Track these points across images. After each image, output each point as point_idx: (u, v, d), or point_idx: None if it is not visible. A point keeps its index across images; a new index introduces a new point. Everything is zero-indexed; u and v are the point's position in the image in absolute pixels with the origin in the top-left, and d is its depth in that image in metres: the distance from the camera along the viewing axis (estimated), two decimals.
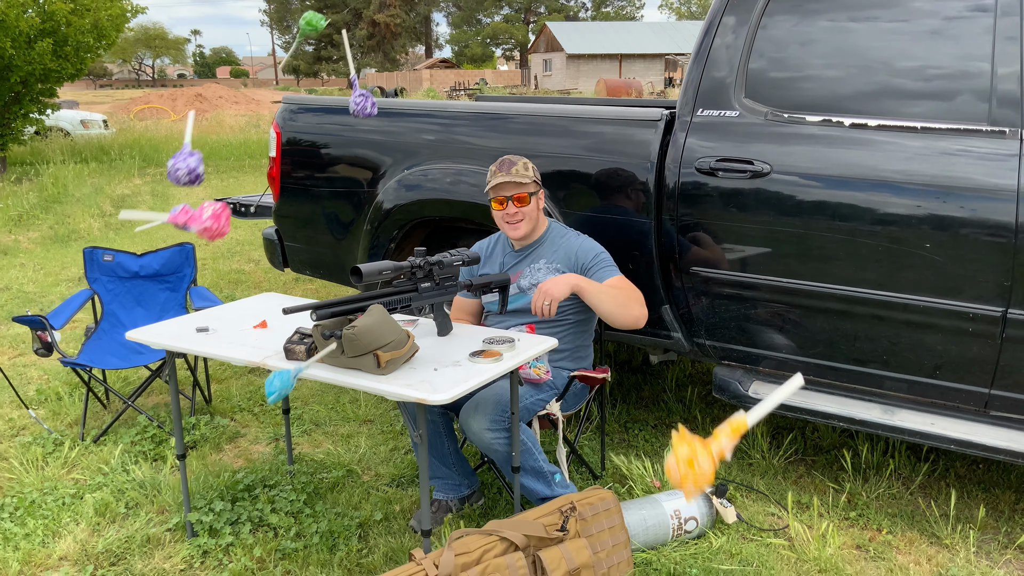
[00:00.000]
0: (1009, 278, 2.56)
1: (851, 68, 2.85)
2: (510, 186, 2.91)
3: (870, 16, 2.83)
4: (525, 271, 3.00)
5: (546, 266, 2.97)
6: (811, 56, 2.93)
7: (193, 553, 2.77)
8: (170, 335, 2.64)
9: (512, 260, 3.05)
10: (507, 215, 2.93)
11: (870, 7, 2.84)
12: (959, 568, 2.66)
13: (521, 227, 2.94)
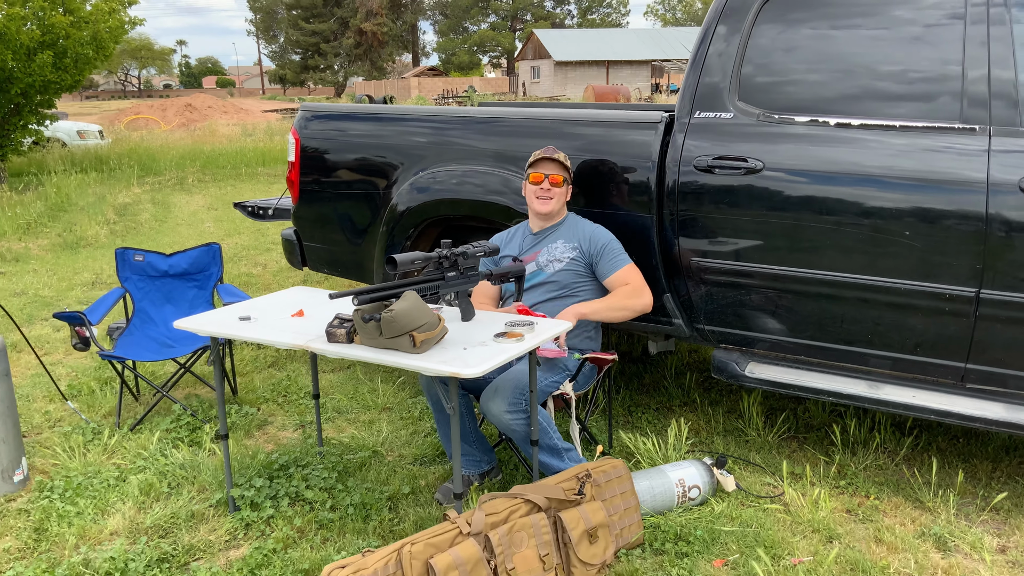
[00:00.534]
0: (981, 261, 2.83)
1: (835, 72, 3.12)
2: (551, 164, 3.26)
3: (851, 24, 3.10)
4: (543, 250, 3.31)
5: (563, 244, 3.29)
6: (798, 62, 3.19)
7: (236, 525, 3.00)
8: (216, 323, 2.87)
9: (531, 242, 3.36)
10: (541, 189, 3.26)
11: (851, 16, 3.10)
12: (940, 528, 2.92)
13: (551, 203, 3.26)
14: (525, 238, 3.39)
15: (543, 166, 3.25)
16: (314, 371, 3.47)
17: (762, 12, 3.27)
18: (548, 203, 3.27)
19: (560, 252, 3.27)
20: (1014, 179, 2.77)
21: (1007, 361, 2.90)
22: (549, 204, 3.27)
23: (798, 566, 2.68)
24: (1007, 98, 2.83)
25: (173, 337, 4.11)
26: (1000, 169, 2.80)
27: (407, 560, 2.35)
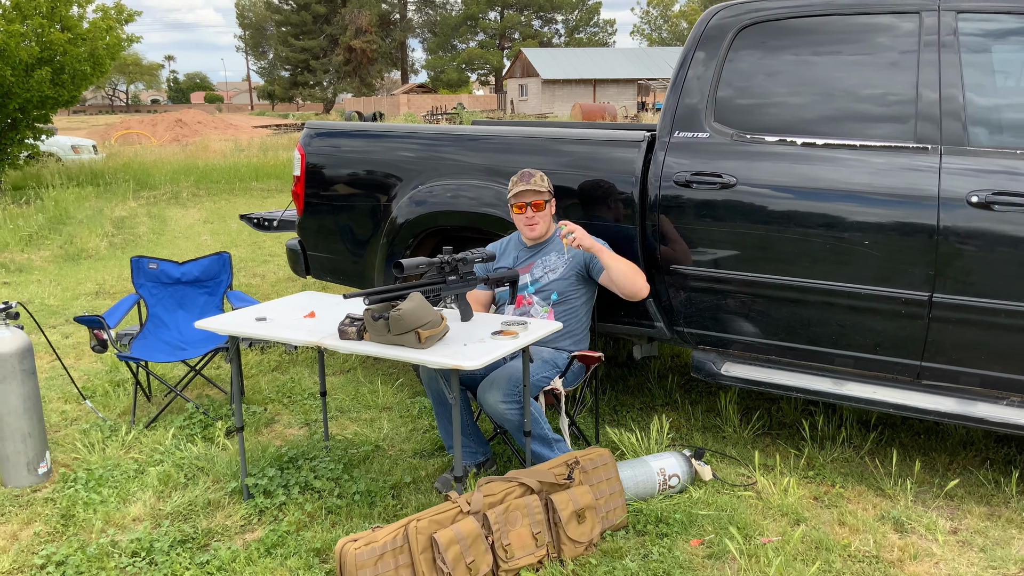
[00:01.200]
0: (933, 268, 3.12)
1: (802, 96, 3.42)
2: (529, 194, 3.54)
3: (816, 53, 3.40)
4: (537, 263, 3.61)
5: (556, 256, 3.59)
6: (768, 86, 3.49)
7: (251, 511, 3.24)
8: (236, 323, 3.12)
9: (525, 255, 3.65)
10: (526, 218, 3.56)
11: (816, 45, 3.40)
12: (899, 512, 3.19)
13: (537, 228, 3.58)
14: (520, 251, 3.68)
15: (523, 196, 3.54)
16: (321, 370, 3.72)
17: (736, 40, 3.57)
18: (535, 228, 3.58)
19: (554, 263, 3.58)
20: (962, 193, 3.07)
21: (958, 359, 3.18)
22: (536, 229, 3.59)
23: (767, 545, 2.94)
24: (956, 119, 3.14)
25: (185, 340, 4.35)
26: (950, 184, 3.10)
27: (413, 534, 2.60)
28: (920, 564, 2.88)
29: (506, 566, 2.72)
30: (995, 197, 3.01)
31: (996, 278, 3.03)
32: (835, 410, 4.16)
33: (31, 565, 2.93)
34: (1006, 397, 3.15)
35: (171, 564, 2.88)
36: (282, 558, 2.90)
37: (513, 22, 72.74)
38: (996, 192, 3.01)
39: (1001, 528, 3.11)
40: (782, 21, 3.50)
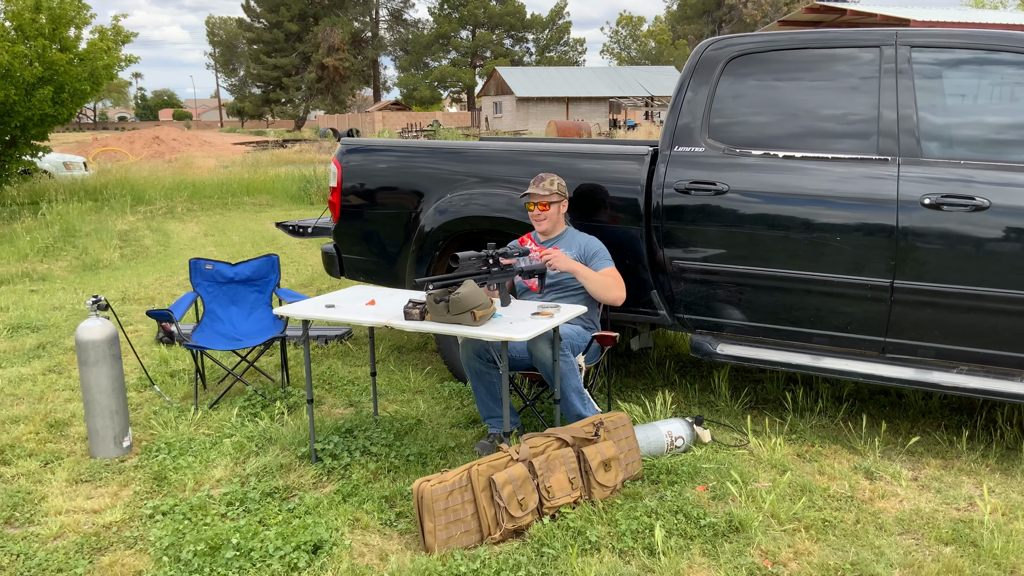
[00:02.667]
0: (894, 259, 3.76)
1: (782, 116, 4.06)
2: (537, 196, 4.11)
3: (792, 80, 4.04)
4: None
5: (565, 250, 4.11)
6: (753, 107, 4.12)
7: (320, 471, 3.78)
8: (311, 308, 3.68)
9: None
10: (534, 215, 4.15)
11: (793, 72, 4.05)
12: (869, 464, 3.81)
13: (543, 224, 4.14)
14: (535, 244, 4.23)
15: (533, 198, 4.12)
16: (372, 352, 4.28)
17: (726, 68, 4.21)
18: (543, 223, 4.15)
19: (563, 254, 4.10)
20: (917, 197, 3.71)
21: (916, 335, 3.82)
22: (544, 224, 4.15)
23: (761, 488, 3.54)
24: (911, 135, 3.79)
25: (238, 333, 4.88)
26: (906, 189, 3.74)
27: (475, 476, 3.17)
28: (887, 502, 3.49)
29: (549, 503, 3.29)
30: (944, 199, 3.65)
31: (946, 266, 3.68)
32: (812, 385, 4.79)
33: (140, 515, 3.44)
34: (956, 366, 3.78)
35: (263, 510, 3.42)
36: (357, 503, 3.45)
37: (485, 41, 73.71)
38: (945, 195, 3.66)
39: (953, 475, 3.74)
40: (764, 53, 4.14)
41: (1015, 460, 3.87)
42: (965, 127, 3.78)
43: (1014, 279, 3.57)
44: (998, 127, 3.72)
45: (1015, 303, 3.58)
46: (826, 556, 3.05)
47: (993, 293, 3.61)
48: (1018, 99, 3.72)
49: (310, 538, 3.12)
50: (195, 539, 3.15)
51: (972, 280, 3.64)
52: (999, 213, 3.58)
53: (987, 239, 3.60)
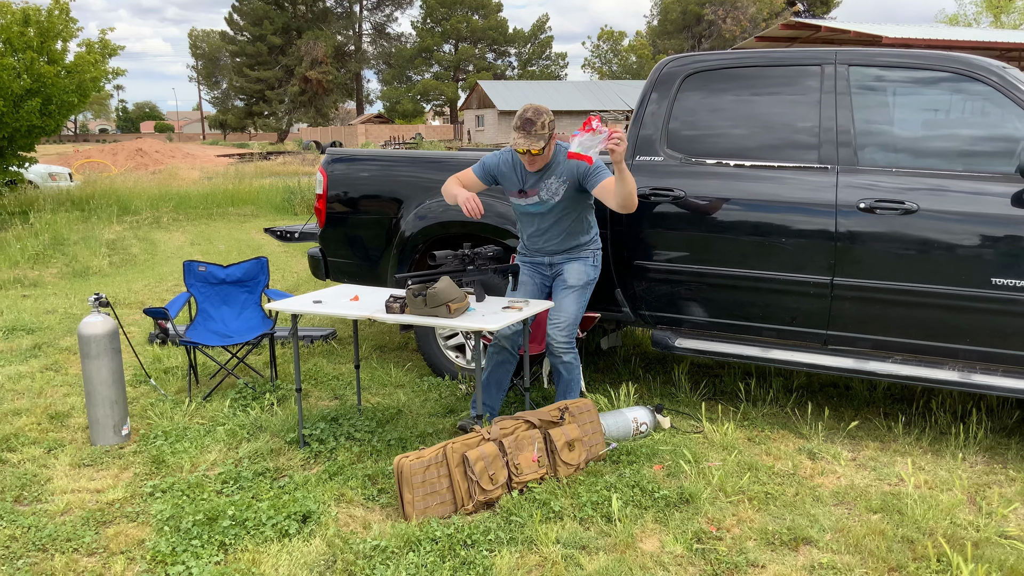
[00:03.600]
0: (833, 258, 4.12)
1: (733, 128, 4.42)
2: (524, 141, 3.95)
3: (743, 95, 4.41)
4: (542, 186, 4.12)
5: (556, 180, 4.10)
6: (708, 120, 4.49)
7: (308, 455, 4.09)
8: (300, 304, 3.99)
9: (531, 179, 4.15)
10: (525, 160, 4.06)
11: (743, 89, 4.42)
12: (813, 446, 4.16)
13: (536, 164, 4.08)
14: (525, 175, 4.16)
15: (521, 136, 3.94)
16: (356, 345, 4.60)
17: (683, 84, 4.57)
18: (533, 165, 4.07)
19: (556, 187, 4.09)
20: (853, 201, 4.08)
21: (854, 328, 4.18)
22: (534, 165, 4.07)
23: (711, 467, 3.88)
24: (849, 146, 4.16)
25: (229, 330, 5.18)
26: (844, 195, 4.11)
27: (450, 453, 3.49)
28: (826, 478, 3.85)
29: (517, 479, 3.62)
30: (877, 204, 4.03)
31: (879, 264, 4.04)
32: (765, 377, 5.15)
33: (141, 493, 3.74)
34: (891, 356, 4.15)
35: (256, 487, 3.73)
36: (342, 481, 3.76)
37: (467, 55, 74.27)
38: (878, 200, 4.03)
39: (889, 456, 4.09)
40: (719, 70, 4.51)
41: (946, 443, 4.23)
42: (897, 138, 4.16)
43: (940, 276, 3.94)
44: (926, 138, 4.10)
45: (942, 297, 3.95)
46: (766, 523, 3.39)
47: (922, 289, 3.98)
48: (942, 113, 4.11)
49: (300, 509, 3.43)
50: (193, 511, 3.45)
51: (903, 277, 4.01)
52: (926, 216, 3.96)
53: (916, 240, 3.98)
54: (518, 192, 4.21)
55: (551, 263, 4.33)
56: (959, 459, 4.01)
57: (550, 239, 4.27)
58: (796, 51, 4.39)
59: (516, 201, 4.26)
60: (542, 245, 4.30)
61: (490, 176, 4.28)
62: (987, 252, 3.85)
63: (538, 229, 4.27)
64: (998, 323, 3.88)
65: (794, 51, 4.39)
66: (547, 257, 4.33)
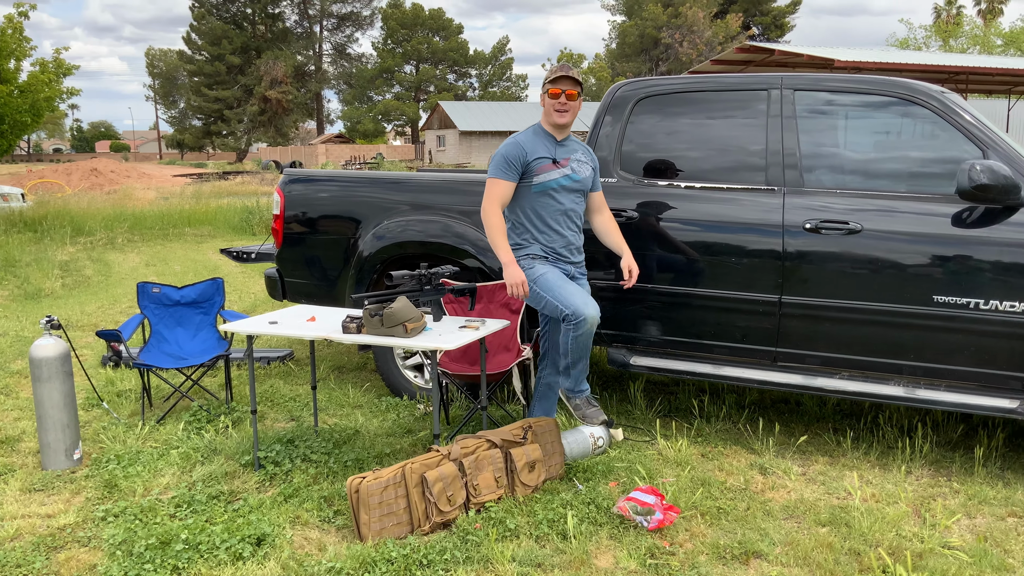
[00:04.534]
0: (781, 277, 4.23)
1: (684, 151, 4.53)
2: (568, 81, 3.92)
3: (693, 119, 4.52)
4: (572, 157, 4.10)
5: (583, 157, 4.16)
6: (660, 143, 4.59)
7: (263, 477, 4.07)
8: (255, 325, 3.99)
9: (560, 149, 4.10)
10: (559, 103, 3.90)
11: (693, 113, 4.53)
12: (764, 461, 4.24)
13: (567, 115, 3.94)
14: (555, 147, 4.07)
15: (561, 83, 3.88)
16: (312, 367, 4.59)
17: (635, 108, 4.67)
18: (565, 115, 3.92)
19: (582, 159, 4.11)
20: (800, 222, 4.19)
21: (802, 345, 4.28)
22: (566, 116, 3.93)
23: (665, 483, 3.94)
24: (794, 168, 4.28)
25: (184, 352, 5.14)
26: (791, 216, 4.22)
27: (409, 473, 3.50)
28: (777, 492, 3.92)
29: (476, 500, 3.64)
30: (822, 224, 4.14)
31: (826, 283, 4.16)
32: (719, 394, 5.23)
33: (93, 518, 3.69)
34: (838, 372, 4.25)
35: (210, 511, 3.70)
36: (298, 503, 3.75)
37: (428, 75, 74.52)
38: (823, 220, 4.15)
39: (838, 470, 4.19)
40: (669, 95, 4.62)
41: (892, 456, 4.34)
42: (842, 161, 4.29)
43: (884, 294, 4.06)
44: (870, 160, 4.24)
45: (886, 315, 4.07)
46: (717, 537, 3.45)
47: (867, 307, 4.09)
48: (885, 136, 4.25)
49: (254, 532, 3.41)
50: (146, 535, 3.42)
51: (849, 295, 4.12)
52: (870, 236, 4.08)
53: (860, 259, 4.10)
54: (552, 163, 4.01)
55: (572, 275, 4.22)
56: (905, 472, 4.11)
57: (576, 232, 4.18)
58: (744, 76, 4.51)
59: (546, 177, 4.00)
60: (568, 239, 4.14)
61: (518, 163, 3.99)
62: (929, 270, 3.98)
63: (567, 214, 4.10)
64: (940, 339, 4.00)
65: (742, 76, 4.52)
66: (570, 265, 4.20)
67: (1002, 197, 3.82)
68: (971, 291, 3.91)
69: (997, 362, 3.95)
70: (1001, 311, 3.87)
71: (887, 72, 24.60)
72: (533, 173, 4.00)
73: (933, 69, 25.71)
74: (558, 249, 4.17)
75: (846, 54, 25.13)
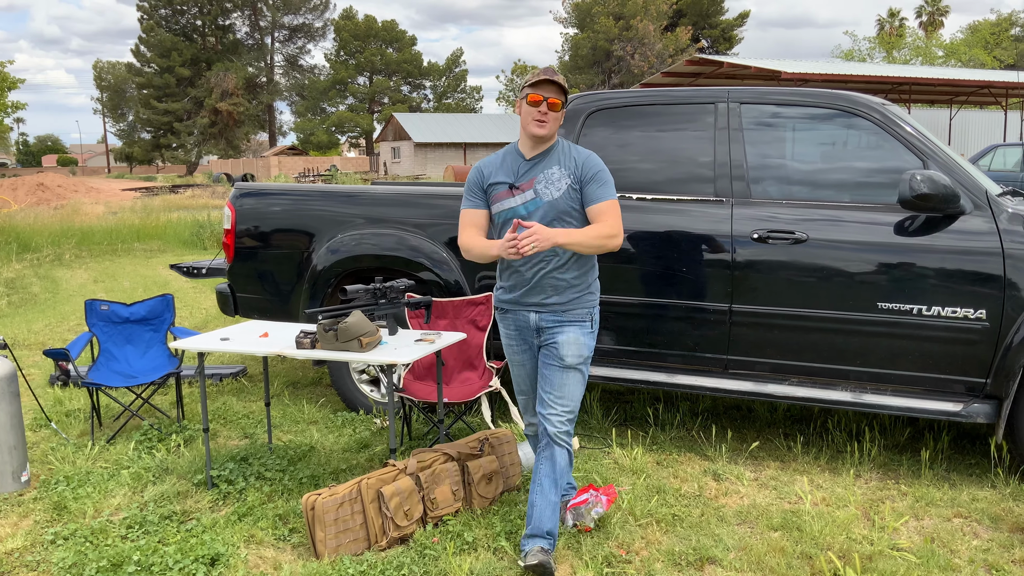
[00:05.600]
0: (731, 286, 4.30)
1: (636, 163, 4.59)
2: (551, 87, 3.21)
3: (644, 131, 4.59)
4: (540, 176, 3.28)
5: (559, 170, 3.27)
6: (612, 155, 4.64)
7: (216, 496, 4.01)
8: (206, 342, 3.94)
9: (526, 168, 3.31)
10: (539, 112, 3.19)
11: (643, 127, 4.60)
12: (718, 468, 4.30)
13: (546, 127, 3.22)
14: (519, 164, 3.33)
15: (543, 88, 3.20)
16: (266, 383, 4.55)
17: (587, 120, 4.73)
18: (544, 126, 3.21)
19: (557, 178, 3.27)
20: (748, 232, 4.28)
21: (753, 352, 4.36)
22: (544, 127, 3.21)
23: (622, 491, 3.98)
24: (742, 180, 4.37)
25: (134, 371, 5.05)
26: (739, 226, 4.30)
27: (365, 489, 3.49)
28: (730, 498, 3.98)
29: (433, 513, 3.63)
30: (769, 234, 4.23)
31: (774, 291, 4.24)
32: (673, 403, 5.30)
33: (42, 541, 3.61)
34: (788, 378, 4.34)
35: (162, 532, 3.64)
36: (252, 522, 3.71)
37: (382, 87, 74.30)
38: (770, 230, 4.24)
39: (789, 475, 4.27)
40: (619, 108, 4.68)
41: (842, 461, 4.43)
42: (786, 172, 4.38)
43: (830, 301, 4.16)
44: (815, 171, 4.34)
45: (832, 322, 4.16)
46: (673, 544, 3.50)
47: (814, 314, 4.19)
48: (829, 146, 4.36)
49: (207, 552, 3.37)
50: (97, 558, 3.35)
51: (796, 303, 4.21)
52: (816, 245, 4.18)
53: (807, 267, 4.19)
54: (508, 189, 3.32)
55: (538, 325, 3.38)
56: (854, 476, 4.21)
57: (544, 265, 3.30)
58: (692, 90, 4.59)
59: (500, 207, 3.34)
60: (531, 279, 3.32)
61: (478, 188, 3.40)
62: (873, 278, 4.08)
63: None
64: (885, 345, 4.11)
65: (690, 90, 4.60)
66: (533, 312, 3.37)
67: (942, 206, 3.94)
68: (914, 298, 4.02)
69: (940, 366, 4.06)
70: (943, 316, 3.99)
71: (833, 84, 25.18)
72: (491, 202, 3.39)
73: (878, 80, 26.39)
74: (518, 306, 3.41)
75: (792, 66, 25.68)
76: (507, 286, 3.43)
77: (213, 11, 73.29)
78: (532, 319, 3.39)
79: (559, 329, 3.34)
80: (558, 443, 3.35)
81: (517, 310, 3.43)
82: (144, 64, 72.64)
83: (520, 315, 3.43)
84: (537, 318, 3.38)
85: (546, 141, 3.31)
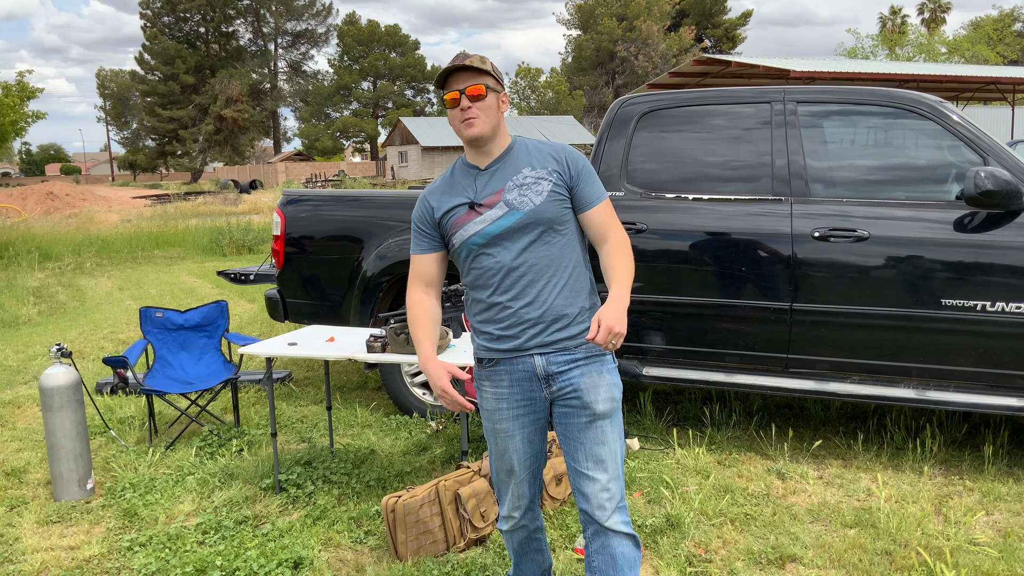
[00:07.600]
0: (792, 284, 4.32)
1: (689, 163, 4.60)
2: (463, 76, 2.47)
3: (697, 132, 4.61)
4: (508, 184, 2.52)
5: (532, 173, 2.52)
6: (665, 156, 4.66)
7: (285, 501, 4.03)
8: (275, 347, 3.96)
9: (484, 180, 2.55)
10: (461, 111, 2.46)
11: (696, 126, 4.61)
12: (780, 467, 4.31)
13: (477, 122, 2.46)
14: (475, 177, 2.56)
15: (456, 81, 2.47)
16: (327, 388, 4.56)
17: (639, 123, 4.74)
18: (475, 123, 2.46)
19: (532, 181, 2.51)
20: (808, 230, 4.29)
21: (813, 351, 4.37)
22: (476, 124, 2.46)
23: (690, 491, 3.99)
24: (800, 178, 4.38)
25: (189, 377, 5.08)
26: (799, 224, 4.32)
27: (443, 491, 3.50)
28: (798, 497, 3.99)
29: None
30: (830, 232, 4.24)
31: (835, 289, 4.25)
32: (725, 402, 5.31)
33: (119, 548, 3.63)
34: (849, 376, 4.35)
35: (239, 536, 3.66)
36: (327, 525, 3.73)
37: (386, 92, 74.43)
38: (831, 229, 4.25)
39: (852, 473, 4.27)
40: (671, 109, 4.70)
41: (903, 457, 4.44)
42: (845, 170, 4.40)
43: (892, 299, 4.16)
44: (871, 169, 4.35)
45: (894, 319, 4.17)
46: (750, 543, 3.51)
47: (876, 311, 4.19)
48: (885, 145, 4.37)
49: (290, 555, 3.38)
50: (180, 563, 3.37)
51: (858, 301, 4.22)
52: (877, 243, 4.19)
53: (868, 265, 4.20)
54: (468, 209, 2.53)
55: (547, 371, 2.52)
56: (920, 472, 4.21)
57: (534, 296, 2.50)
58: (746, 89, 4.61)
59: (463, 234, 2.53)
60: (518, 313, 2.50)
61: (427, 226, 2.62)
62: (936, 274, 4.09)
63: (515, 273, 2.50)
64: (948, 341, 4.11)
65: (744, 89, 4.61)
66: (538, 356, 2.52)
67: (1005, 202, 3.95)
68: (978, 293, 4.03)
69: (1003, 362, 4.07)
70: (1007, 312, 4.00)
71: (841, 81, 25.19)
72: (449, 233, 2.57)
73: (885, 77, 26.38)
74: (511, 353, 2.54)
75: (800, 64, 25.69)
76: (493, 332, 2.56)
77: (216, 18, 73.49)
78: (538, 364, 2.52)
79: (575, 371, 2.51)
80: (616, 531, 2.50)
81: (513, 358, 2.54)
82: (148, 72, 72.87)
83: (518, 364, 2.54)
84: (544, 362, 2.52)
85: (493, 140, 2.53)
